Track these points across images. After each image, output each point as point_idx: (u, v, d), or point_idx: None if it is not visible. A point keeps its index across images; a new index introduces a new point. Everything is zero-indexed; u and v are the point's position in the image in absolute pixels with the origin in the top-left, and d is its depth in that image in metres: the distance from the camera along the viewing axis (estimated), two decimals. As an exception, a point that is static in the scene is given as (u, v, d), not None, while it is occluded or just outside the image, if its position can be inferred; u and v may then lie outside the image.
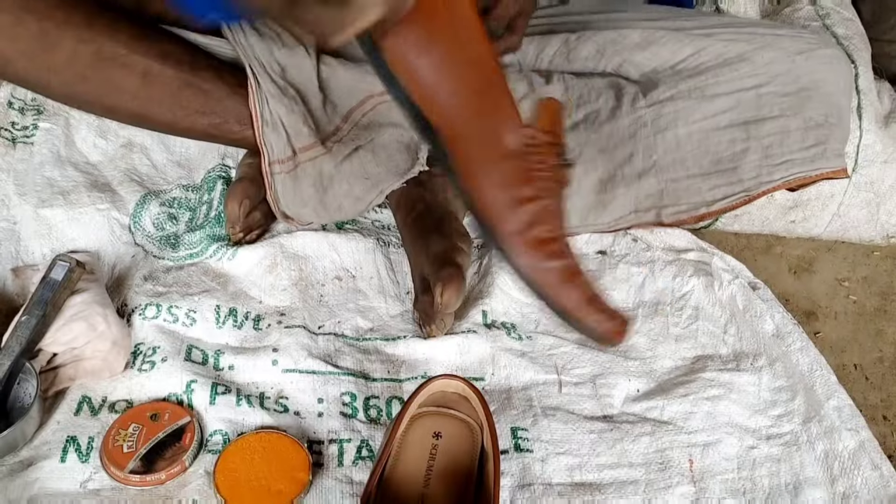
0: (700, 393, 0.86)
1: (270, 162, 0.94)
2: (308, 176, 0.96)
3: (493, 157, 0.73)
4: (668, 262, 1.01)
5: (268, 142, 0.93)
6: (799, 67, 0.94)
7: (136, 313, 0.88)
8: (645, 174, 0.98)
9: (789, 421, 0.84)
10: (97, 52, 0.87)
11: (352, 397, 0.84)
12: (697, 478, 0.79)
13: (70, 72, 0.88)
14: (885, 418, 0.91)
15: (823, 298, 1.06)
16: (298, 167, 0.95)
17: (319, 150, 0.95)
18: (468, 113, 0.73)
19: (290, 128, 0.94)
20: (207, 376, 0.83)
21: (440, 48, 0.70)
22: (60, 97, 0.92)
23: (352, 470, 0.77)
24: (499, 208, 0.73)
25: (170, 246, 0.98)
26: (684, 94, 0.96)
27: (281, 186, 0.96)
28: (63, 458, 0.74)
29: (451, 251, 0.91)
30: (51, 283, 0.80)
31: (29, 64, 0.86)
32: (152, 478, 0.73)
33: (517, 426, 0.82)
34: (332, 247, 1.00)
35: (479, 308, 0.95)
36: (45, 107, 1.09)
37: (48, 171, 1.02)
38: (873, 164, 1.10)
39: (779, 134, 0.94)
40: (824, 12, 1.24)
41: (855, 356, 0.98)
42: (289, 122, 0.93)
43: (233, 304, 0.92)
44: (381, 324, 0.94)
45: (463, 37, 0.71)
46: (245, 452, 0.75)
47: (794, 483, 0.79)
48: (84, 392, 0.81)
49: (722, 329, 0.95)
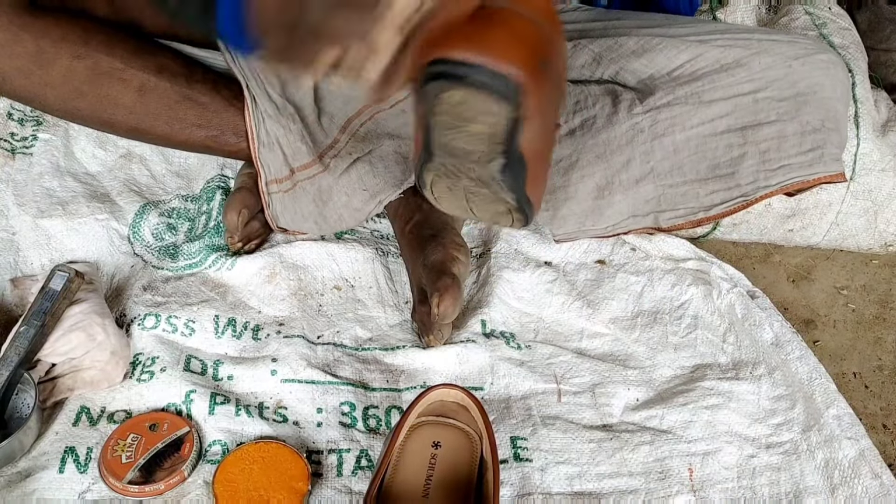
0: (699, 402, 0.86)
1: (267, 182, 0.94)
2: (307, 193, 0.96)
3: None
4: (666, 272, 1.01)
5: (265, 162, 0.94)
6: (795, 72, 0.94)
7: (135, 323, 0.88)
8: (642, 180, 0.98)
9: (789, 430, 0.84)
10: (94, 68, 0.88)
11: (351, 407, 0.84)
12: (697, 487, 0.79)
13: (67, 87, 0.88)
14: (885, 427, 0.91)
15: (822, 307, 1.06)
16: (297, 186, 0.95)
17: (317, 168, 0.96)
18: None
19: (287, 147, 0.94)
20: (206, 386, 0.83)
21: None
22: (57, 112, 0.93)
23: (351, 480, 0.77)
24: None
25: (169, 256, 0.98)
26: (681, 100, 0.96)
27: (279, 205, 0.96)
28: (61, 468, 0.74)
29: (447, 261, 0.91)
30: (50, 294, 0.80)
31: (26, 81, 0.87)
32: (151, 488, 0.73)
33: (516, 435, 0.82)
34: (330, 256, 1.00)
35: (477, 317, 0.95)
36: (45, 118, 1.09)
37: (47, 181, 1.02)
38: (871, 172, 1.10)
39: (776, 139, 0.94)
40: (821, 21, 1.24)
41: (854, 364, 0.98)
42: (286, 141, 0.94)
43: (232, 314, 0.92)
44: (380, 333, 0.94)
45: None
46: (244, 463, 0.74)
47: (795, 492, 0.79)
48: (83, 402, 0.80)
49: (721, 338, 0.95)
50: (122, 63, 0.89)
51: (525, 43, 0.66)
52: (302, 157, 0.95)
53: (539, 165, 0.73)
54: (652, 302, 0.99)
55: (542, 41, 0.68)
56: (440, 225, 0.98)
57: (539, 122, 0.68)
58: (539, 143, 0.71)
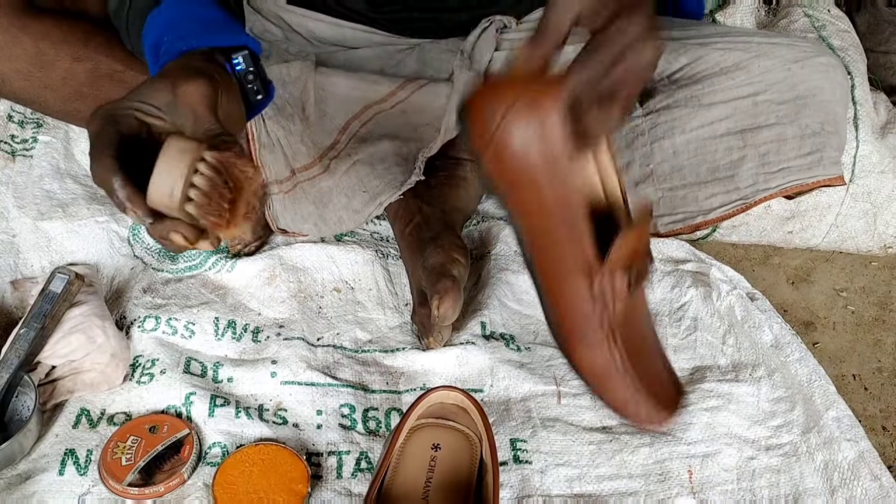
0: (699, 404, 0.86)
1: (268, 183, 0.94)
2: (308, 195, 0.96)
3: (575, 274, 0.66)
4: (666, 273, 1.01)
5: (265, 163, 0.94)
6: (795, 76, 0.94)
7: (134, 325, 0.88)
8: (642, 182, 0.98)
9: (788, 432, 0.84)
10: (94, 70, 0.88)
11: (351, 409, 0.84)
12: (697, 489, 0.79)
13: (67, 89, 0.88)
14: (885, 429, 0.91)
15: (821, 309, 1.06)
16: (297, 187, 0.95)
17: (318, 170, 0.96)
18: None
19: (287, 148, 0.94)
20: (206, 388, 0.83)
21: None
22: (58, 114, 0.93)
23: (351, 482, 0.77)
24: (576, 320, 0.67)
25: (169, 258, 0.98)
26: (681, 103, 0.96)
27: (280, 206, 0.96)
28: (61, 471, 0.74)
29: (447, 263, 0.91)
30: (50, 296, 0.80)
31: (25, 83, 0.87)
32: (151, 490, 0.73)
33: (516, 437, 0.82)
34: (330, 258, 1.00)
35: (477, 319, 0.95)
36: (45, 120, 1.09)
37: (47, 183, 1.02)
38: (870, 174, 1.11)
39: (775, 142, 0.94)
40: (820, 24, 1.25)
41: (853, 366, 0.98)
42: (287, 142, 0.94)
43: (232, 317, 0.92)
44: (379, 335, 0.94)
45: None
46: (244, 465, 0.74)
47: (794, 494, 0.79)
48: (82, 405, 0.80)
49: (720, 340, 0.95)
50: (122, 65, 0.89)
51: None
52: (302, 157, 0.95)
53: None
54: (651, 304, 0.99)
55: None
56: (440, 227, 0.98)
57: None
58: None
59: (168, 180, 0.57)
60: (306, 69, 0.96)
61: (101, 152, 0.59)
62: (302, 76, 0.96)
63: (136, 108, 0.62)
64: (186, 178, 0.57)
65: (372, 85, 0.99)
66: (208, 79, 0.64)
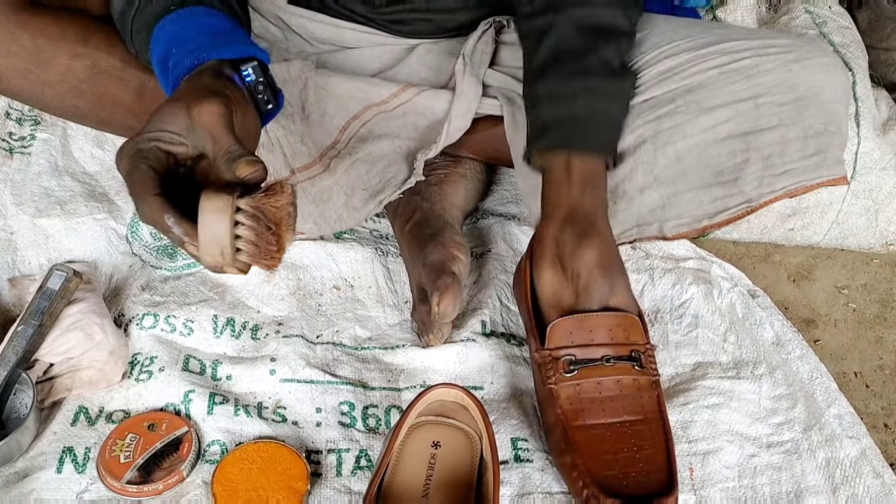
0: (700, 401, 0.86)
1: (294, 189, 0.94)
2: (307, 194, 0.96)
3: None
4: (667, 270, 1.01)
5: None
6: (795, 76, 0.94)
7: (133, 323, 0.87)
8: (647, 188, 0.98)
9: (790, 429, 0.84)
10: (92, 66, 0.88)
11: (350, 406, 0.84)
12: (698, 486, 0.78)
13: (65, 86, 0.88)
14: (887, 426, 0.90)
15: (823, 306, 1.06)
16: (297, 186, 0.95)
17: (318, 169, 0.95)
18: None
19: (287, 148, 0.94)
20: (205, 386, 0.82)
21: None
22: (56, 111, 0.92)
23: (350, 480, 0.77)
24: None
25: (167, 256, 0.98)
26: (682, 108, 0.96)
27: None
28: (59, 468, 0.74)
29: (447, 260, 0.90)
30: (47, 293, 0.80)
31: (23, 80, 0.87)
32: (149, 488, 0.72)
33: (517, 437, 0.82)
34: (330, 256, 1.00)
35: (477, 317, 0.94)
36: (43, 117, 1.09)
37: (45, 181, 1.02)
38: (872, 171, 1.10)
39: (779, 144, 0.93)
40: (821, 20, 1.24)
41: (855, 364, 0.98)
42: (286, 142, 0.94)
43: (230, 314, 0.92)
44: (379, 333, 0.94)
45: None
46: (243, 462, 0.74)
47: (796, 491, 0.79)
48: (81, 402, 0.80)
49: (721, 337, 0.94)
50: (121, 62, 0.88)
51: None
52: (303, 157, 0.95)
53: None
54: (652, 301, 0.99)
55: None
56: (440, 224, 0.97)
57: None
58: None
59: (214, 245, 0.61)
60: (307, 68, 0.96)
61: (144, 192, 0.62)
62: (302, 75, 0.96)
63: (157, 139, 0.64)
64: (230, 235, 0.61)
65: (373, 87, 0.99)
66: (221, 98, 0.66)
